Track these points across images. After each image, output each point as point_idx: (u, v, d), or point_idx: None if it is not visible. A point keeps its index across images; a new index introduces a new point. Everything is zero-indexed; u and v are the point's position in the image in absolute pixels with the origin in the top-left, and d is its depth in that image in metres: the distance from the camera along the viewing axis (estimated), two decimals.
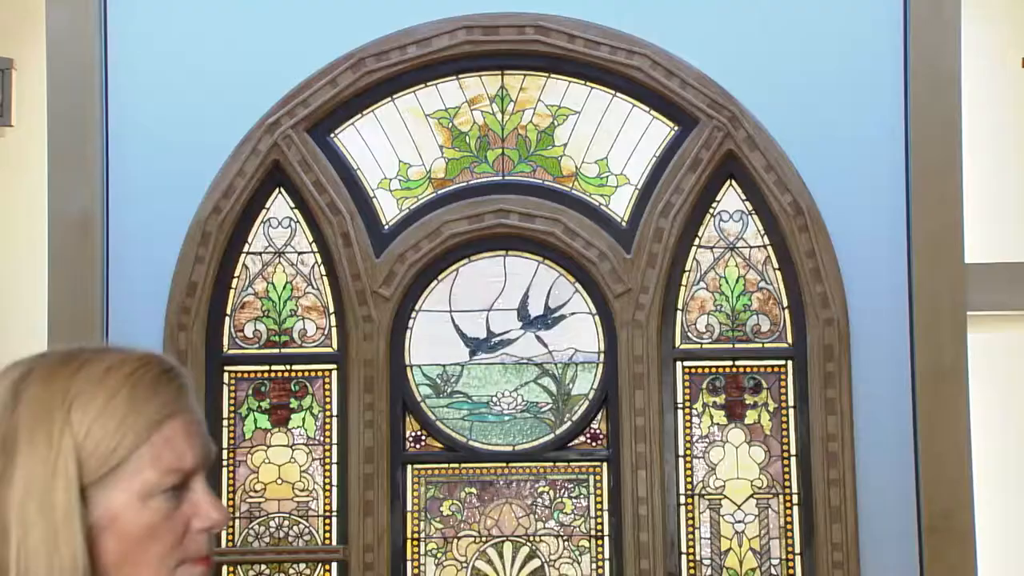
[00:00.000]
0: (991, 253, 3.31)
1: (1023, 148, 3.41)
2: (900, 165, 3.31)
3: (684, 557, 3.27)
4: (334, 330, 3.36)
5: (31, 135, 3.43)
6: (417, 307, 3.37)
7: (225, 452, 3.31)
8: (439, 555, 3.31)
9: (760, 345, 3.33)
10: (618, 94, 3.39)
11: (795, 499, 3.27)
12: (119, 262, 3.34)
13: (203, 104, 3.38)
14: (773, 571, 3.26)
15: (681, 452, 3.30)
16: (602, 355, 3.34)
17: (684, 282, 3.36)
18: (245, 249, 3.38)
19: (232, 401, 3.35)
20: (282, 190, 3.39)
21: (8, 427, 1.36)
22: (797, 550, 3.26)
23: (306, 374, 3.36)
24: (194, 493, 1.40)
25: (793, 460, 3.29)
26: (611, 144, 3.39)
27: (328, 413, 3.34)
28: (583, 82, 3.40)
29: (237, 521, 3.30)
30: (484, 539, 3.32)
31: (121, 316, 3.30)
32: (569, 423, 3.33)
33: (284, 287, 3.38)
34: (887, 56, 3.33)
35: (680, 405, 3.32)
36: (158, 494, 1.37)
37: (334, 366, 3.35)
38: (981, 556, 3.19)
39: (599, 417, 3.33)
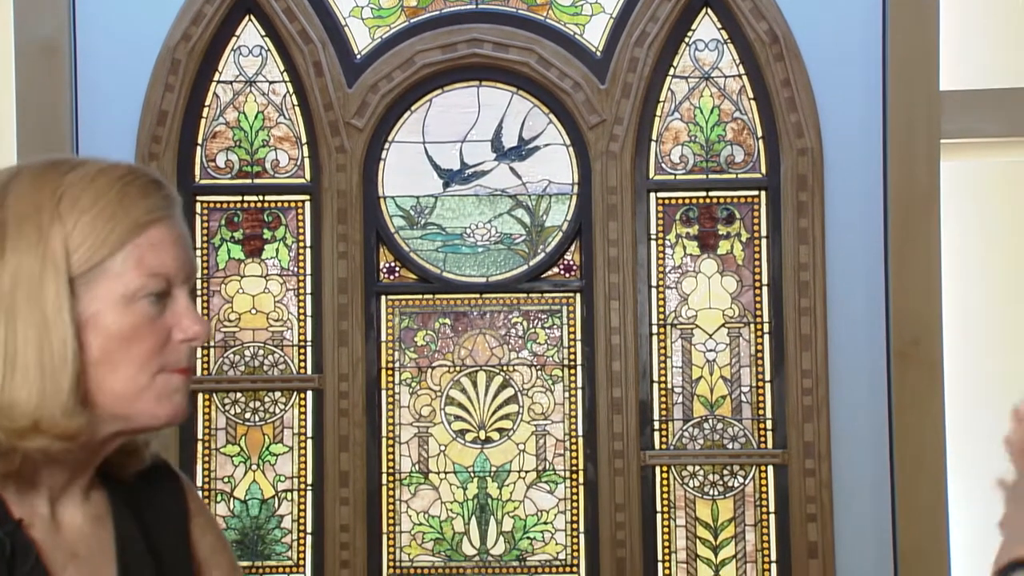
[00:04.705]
0: (966, 80, 3.29)
1: None
2: None
3: (656, 385, 3.30)
4: (307, 161, 3.34)
5: None
6: (390, 138, 3.35)
7: (199, 282, 3.31)
8: (413, 384, 3.33)
9: (734, 176, 3.32)
10: None
11: (766, 328, 3.29)
12: (88, 90, 3.30)
13: None
14: (743, 398, 3.29)
15: (654, 282, 3.31)
16: (576, 186, 3.33)
17: (659, 113, 3.33)
18: (215, 78, 3.34)
19: (205, 231, 3.33)
20: (252, 17, 3.34)
21: None
22: (767, 378, 3.28)
23: (279, 205, 3.34)
24: (177, 304, 1.42)
25: (765, 290, 3.30)
26: None
27: (301, 244, 3.34)
28: None
29: (212, 350, 3.31)
30: (458, 369, 3.34)
31: (91, 144, 3.26)
32: (543, 254, 3.33)
33: (255, 117, 3.35)
34: None
35: (653, 236, 3.32)
36: (141, 298, 1.38)
37: (307, 197, 3.34)
38: (948, 382, 3.23)
39: (572, 248, 3.33)
